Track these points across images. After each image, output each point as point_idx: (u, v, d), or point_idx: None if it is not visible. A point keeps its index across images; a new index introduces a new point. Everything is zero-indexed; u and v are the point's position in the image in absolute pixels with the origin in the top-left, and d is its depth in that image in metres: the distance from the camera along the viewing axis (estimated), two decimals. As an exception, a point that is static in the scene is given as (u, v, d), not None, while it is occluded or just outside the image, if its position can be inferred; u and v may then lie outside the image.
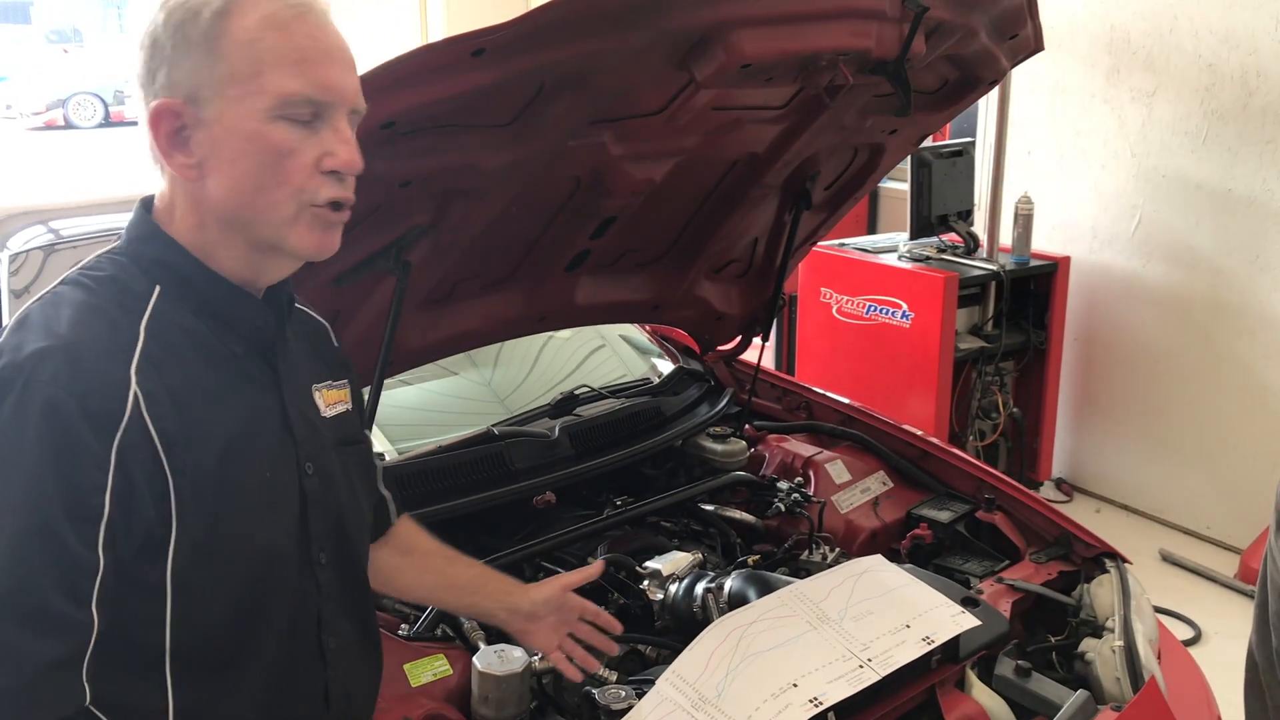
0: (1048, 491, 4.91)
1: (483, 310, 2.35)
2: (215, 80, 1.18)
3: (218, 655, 1.27)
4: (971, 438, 4.57)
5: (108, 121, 20.40)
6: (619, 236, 2.38)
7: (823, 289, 4.69)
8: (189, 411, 1.19)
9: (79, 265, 1.27)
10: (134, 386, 1.15)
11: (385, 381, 2.26)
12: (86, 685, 1.12)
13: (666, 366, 3.12)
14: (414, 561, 1.77)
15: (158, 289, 1.23)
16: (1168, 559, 4.41)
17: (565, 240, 2.30)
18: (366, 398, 2.08)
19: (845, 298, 4.62)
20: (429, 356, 2.39)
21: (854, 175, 2.62)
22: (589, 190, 2.13)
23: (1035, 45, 2.34)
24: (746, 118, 2.16)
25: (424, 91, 1.50)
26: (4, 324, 2.59)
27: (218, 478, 1.21)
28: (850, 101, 2.18)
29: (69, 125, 20.17)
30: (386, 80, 1.48)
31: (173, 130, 1.20)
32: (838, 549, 2.48)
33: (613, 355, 3.19)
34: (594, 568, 1.94)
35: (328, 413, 1.44)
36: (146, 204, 1.30)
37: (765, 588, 2.07)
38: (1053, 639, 2.31)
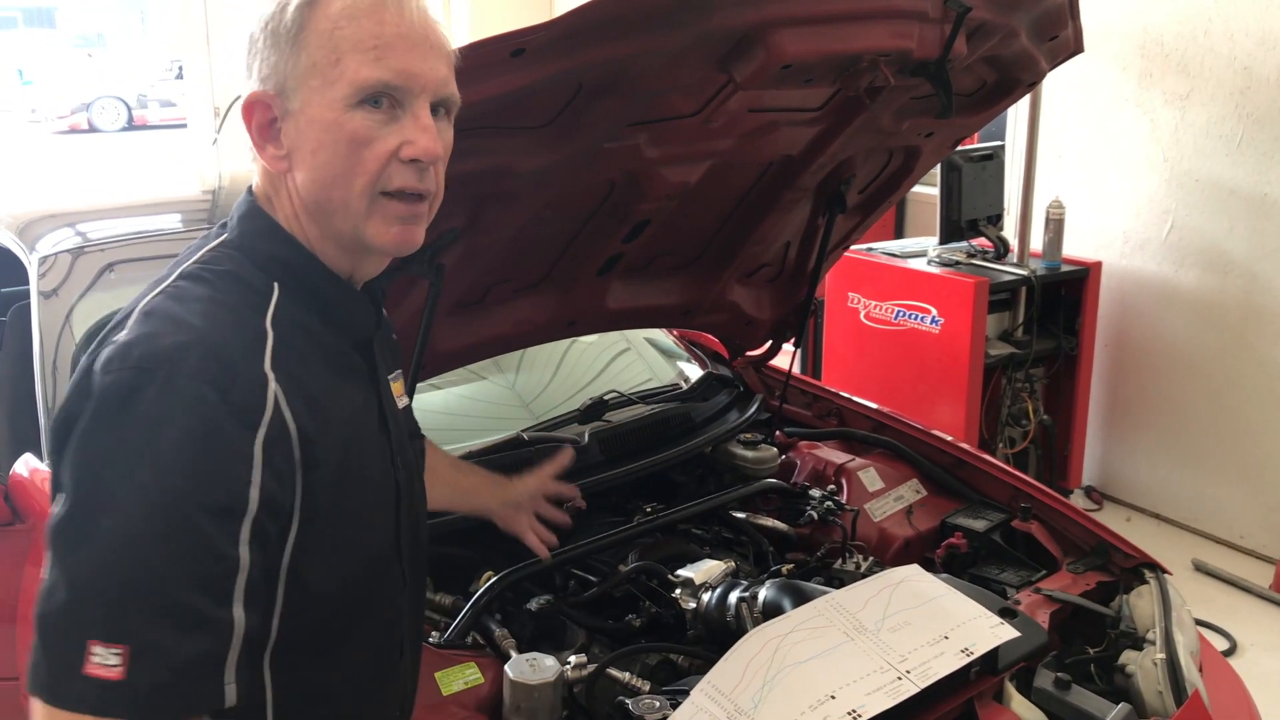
0: (1078, 500, 4.86)
1: (514, 315, 2.33)
2: (299, 71, 1.18)
3: (317, 649, 1.26)
4: (1001, 445, 4.53)
5: (131, 125, 20.56)
6: (652, 240, 2.35)
7: (850, 294, 4.66)
8: (316, 407, 1.19)
9: (193, 259, 1.26)
10: (273, 382, 1.15)
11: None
12: (231, 688, 1.09)
13: (693, 370, 3.10)
14: (429, 476, 1.71)
15: (276, 285, 1.23)
16: (1201, 569, 4.35)
17: (598, 244, 2.28)
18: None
19: (873, 303, 4.58)
20: (460, 361, 2.37)
21: (889, 179, 2.59)
22: (623, 193, 2.11)
23: (1075, 47, 2.30)
24: (782, 120, 2.13)
25: (463, 92, 1.47)
26: (34, 325, 2.62)
27: (339, 473, 1.21)
28: (888, 104, 2.15)
29: (92, 129, 20.34)
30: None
31: (265, 122, 1.22)
32: (871, 558, 2.45)
33: (638, 359, 3.17)
34: (565, 454, 2.14)
35: (400, 405, 1.44)
36: (253, 195, 1.30)
37: (801, 597, 2.04)
38: (1091, 651, 2.27)
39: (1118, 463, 4.93)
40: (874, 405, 2.99)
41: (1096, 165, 4.78)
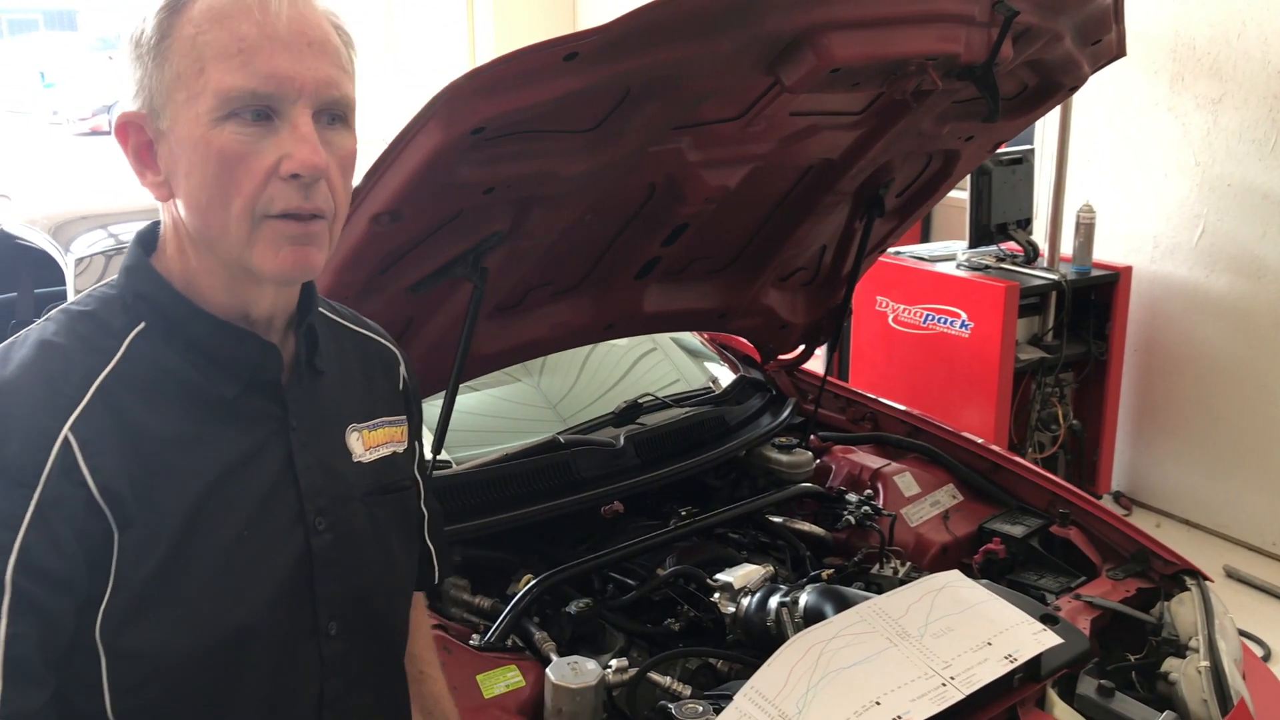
0: (1106, 505, 4.82)
1: (552, 318, 2.33)
2: (164, 85, 1.06)
3: None
4: (1030, 450, 4.51)
5: (152, 127, 20.62)
6: (689, 244, 2.35)
7: (878, 297, 4.64)
8: (152, 461, 1.07)
9: (72, 298, 1.17)
10: (65, 434, 1.03)
11: (425, 394, 2.24)
12: None
13: (721, 371, 3.09)
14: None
15: (140, 326, 1.12)
16: (1233, 575, 4.32)
17: (636, 247, 2.27)
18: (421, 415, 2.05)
19: (902, 307, 4.57)
20: (498, 364, 2.37)
21: (927, 182, 2.59)
22: (663, 197, 2.11)
23: (1118, 51, 2.29)
24: (823, 123, 2.13)
25: (515, 96, 1.47)
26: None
27: (182, 533, 1.08)
28: (930, 108, 2.14)
29: (114, 131, 20.42)
30: (478, 85, 1.45)
31: (141, 145, 1.10)
32: (909, 563, 2.43)
33: (664, 359, 3.15)
34: None
35: (366, 456, 1.28)
36: (143, 235, 1.17)
37: (842, 603, 2.03)
38: (1132, 658, 2.26)
39: (1147, 468, 4.90)
40: (909, 409, 2.98)
41: (1127, 169, 4.75)
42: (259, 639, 1.15)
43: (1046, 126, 4.60)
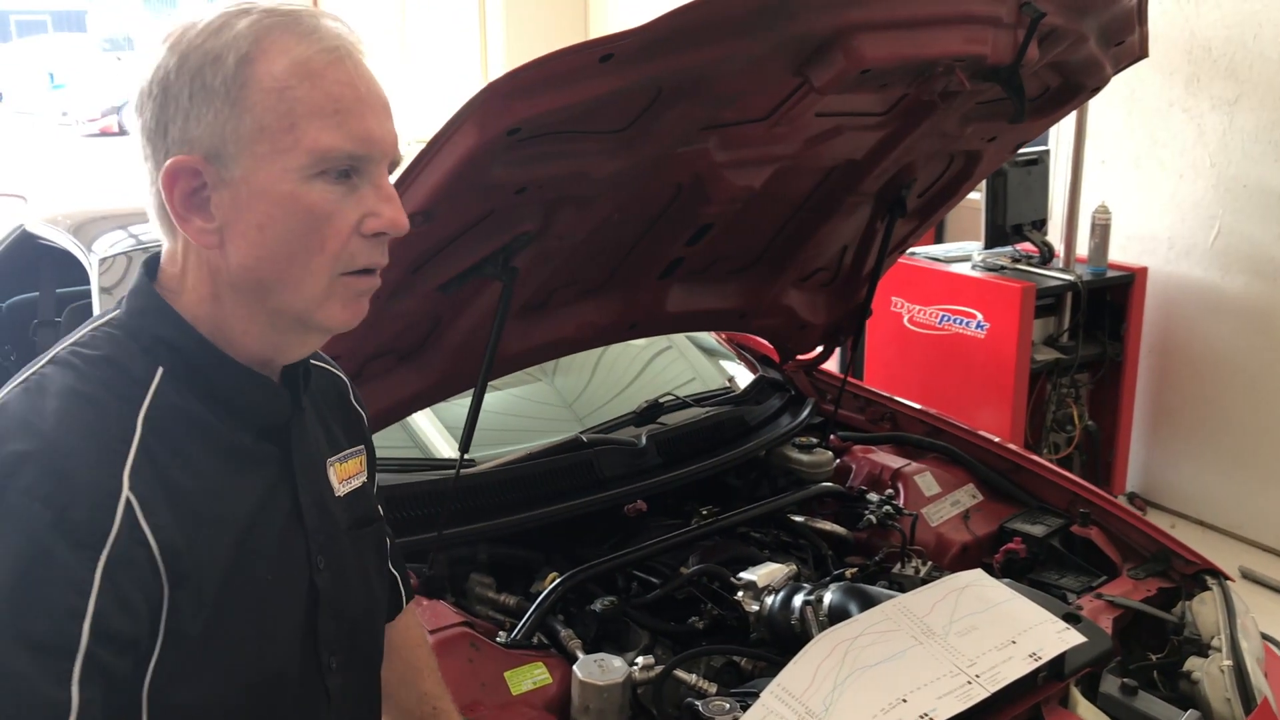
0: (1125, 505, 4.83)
1: (577, 317, 2.34)
2: (241, 135, 1.04)
3: None
4: (1045, 450, 4.51)
5: (161, 128, 20.69)
6: (713, 244, 2.36)
7: (894, 298, 4.65)
8: (193, 514, 1.06)
9: (71, 339, 1.11)
10: (126, 493, 1.00)
11: (451, 392, 2.26)
12: None
13: (737, 369, 3.11)
14: (400, 694, 1.54)
15: (160, 372, 1.09)
16: (1248, 576, 4.32)
17: (661, 247, 2.29)
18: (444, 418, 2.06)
19: (917, 307, 4.57)
20: (522, 363, 2.38)
21: (948, 183, 2.60)
22: (689, 197, 2.12)
23: (1140, 52, 2.30)
24: (847, 124, 2.14)
25: (551, 98, 1.48)
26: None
27: (222, 585, 1.07)
28: (954, 108, 2.16)
29: (123, 132, 20.49)
30: (515, 87, 1.47)
31: (190, 191, 1.06)
32: (930, 562, 2.44)
33: (680, 358, 3.16)
34: None
35: (341, 490, 1.28)
36: (150, 268, 1.14)
37: (867, 601, 2.04)
38: (1154, 657, 2.27)
39: (1162, 469, 4.90)
40: (928, 410, 2.99)
41: (1142, 170, 4.75)
42: (291, 681, 1.17)
43: (1062, 128, 4.60)
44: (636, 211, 2.09)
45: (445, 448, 2.54)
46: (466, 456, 2.26)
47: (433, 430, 2.58)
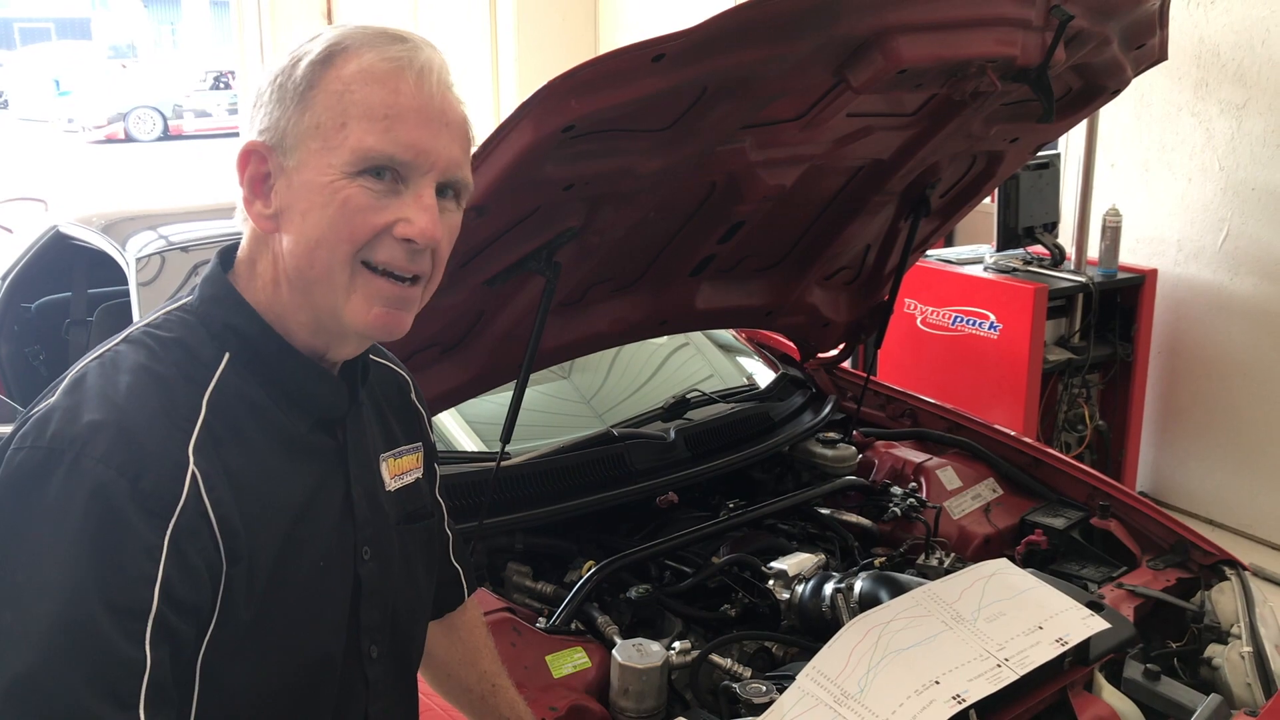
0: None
1: (611, 313, 2.40)
2: (301, 130, 1.10)
3: None
4: (1057, 449, 4.56)
5: (166, 135, 20.80)
6: (743, 242, 2.42)
7: (907, 300, 4.70)
8: (250, 495, 1.10)
9: (146, 320, 1.18)
10: (192, 467, 1.05)
11: (488, 386, 2.31)
12: None
13: (755, 365, 3.16)
14: (461, 674, 1.60)
15: (226, 357, 1.14)
16: (1258, 574, 4.36)
17: (694, 244, 2.34)
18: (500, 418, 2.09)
19: (930, 309, 4.63)
20: (558, 358, 2.44)
21: (971, 182, 2.65)
22: (723, 195, 2.17)
23: (1160, 55, 2.36)
24: (877, 124, 2.19)
25: (605, 96, 1.54)
26: (133, 319, 2.72)
27: (273, 568, 1.11)
28: (980, 109, 2.21)
29: (129, 139, 20.57)
30: (572, 85, 1.53)
31: (258, 175, 1.13)
32: (953, 554, 2.50)
33: (697, 354, 3.21)
34: None
35: (392, 485, 1.33)
36: (225, 257, 1.21)
37: (897, 588, 2.09)
38: (1174, 645, 2.32)
39: (1171, 469, 4.95)
40: (948, 406, 3.04)
41: (1150, 174, 4.81)
42: (335, 665, 1.22)
43: (1072, 131, 4.65)
44: (673, 209, 2.14)
45: (468, 443, 2.59)
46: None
47: (455, 426, 2.63)
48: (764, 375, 3.10)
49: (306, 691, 1.19)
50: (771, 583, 2.23)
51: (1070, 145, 4.77)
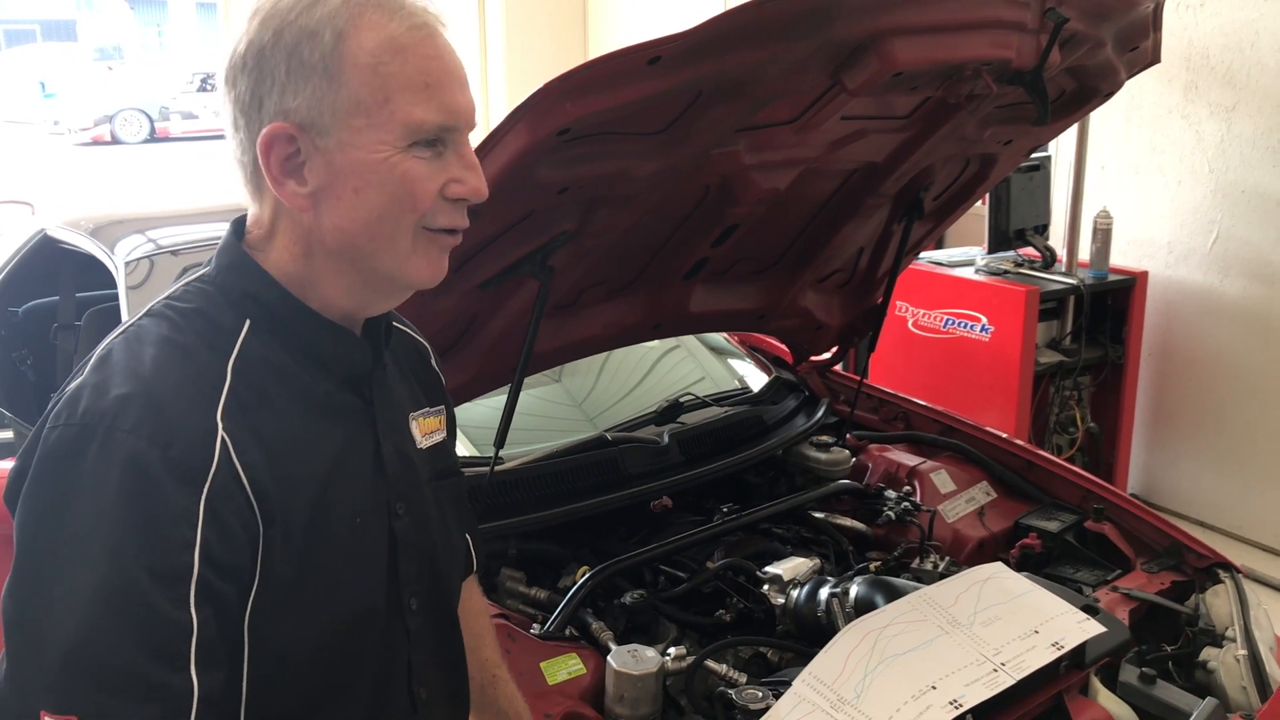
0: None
1: (604, 317, 2.39)
2: (338, 108, 1.10)
3: (299, 713, 1.19)
4: (1048, 452, 4.56)
5: (153, 137, 20.71)
6: (737, 245, 2.41)
7: (898, 302, 4.70)
8: (280, 457, 1.13)
9: (165, 295, 1.20)
10: (221, 432, 1.08)
11: (481, 391, 2.30)
12: None
13: (746, 368, 3.15)
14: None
15: (247, 324, 1.16)
16: (1249, 576, 4.36)
17: (688, 247, 2.34)
18: (484, 416, 2.10)
19: (922, 311, 4.63)
20: (551, 362, 2.43)
21: (963, 185, 2.65)
22: (717, 198, 2.17)
23: (1153, 58, 2.36)
24: (871, 127, 2.19)
25: (600, 99, 1.53)
26: (124, 320, 2.70)
27: (308, 527, 1.14)
28: (974, 112, 2.21)
29: (115, 141, 20.47)
30: (568, 88, 1.52)
31: (285, 156, 1.13)
32: (948, 558, 2.49)
33: (688, 357, 3.20)
34: None
35: (424, 443, 1.36)
36: (237, 229, 1.22)
37: (892, 593, 2.09)
38: (1169, 648, 2.32)
39: (1162, 471, 4.96)
40: (940, 409, 3.04)
41: (1140, 176, 4.83)
42: (378, 618, 1.24)
43: (1063, 134, 4.66)
44: (667, 212, 2.13)
45: (460, 448, 2.56)
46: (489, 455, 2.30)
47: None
48: (757, 378, 3.09)
49: (351, 645, 1.22)
50: (766, 587, 2.23)
51: (1061, 148, 4.77)
